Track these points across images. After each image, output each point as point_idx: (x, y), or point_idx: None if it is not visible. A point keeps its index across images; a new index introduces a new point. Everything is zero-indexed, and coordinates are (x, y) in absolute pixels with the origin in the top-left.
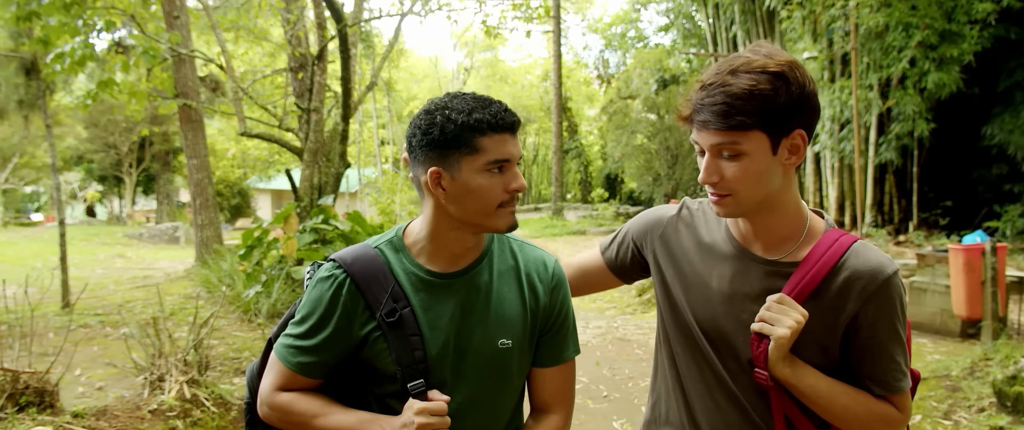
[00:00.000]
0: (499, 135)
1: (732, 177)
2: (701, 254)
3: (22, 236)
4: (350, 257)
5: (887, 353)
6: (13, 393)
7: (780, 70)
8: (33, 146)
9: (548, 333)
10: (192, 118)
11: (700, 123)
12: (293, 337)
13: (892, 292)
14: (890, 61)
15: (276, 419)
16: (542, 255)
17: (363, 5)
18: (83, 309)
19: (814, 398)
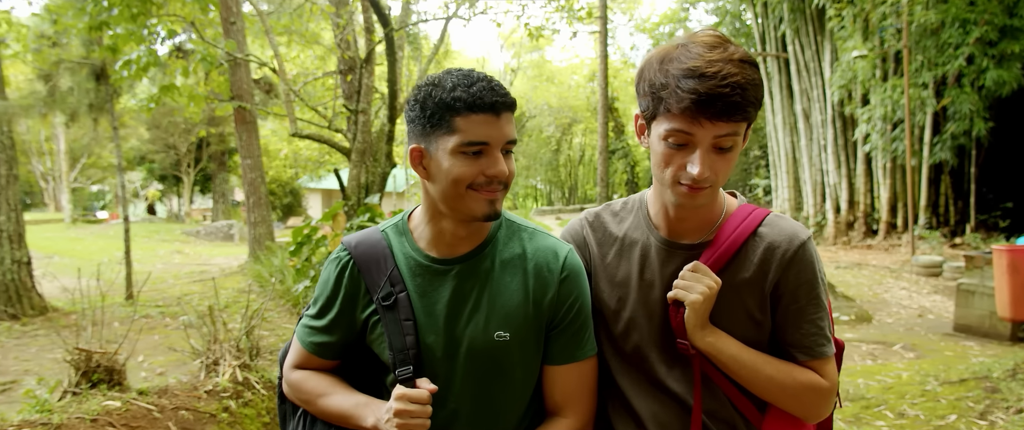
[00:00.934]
0: (478, 115)
1: (721, 169)
2: (623, 254)
3: (89, 232)
4: (355, 240)
5: (808, 317)
6: (87, 371)
7: (754, 60)
8: (99, 147)
9: (557, 328)
10: (246, 120)
11: (710, 114)
12: (308, 317)
13: (809, 256)
14: (946, 58)
15: (291, 395)
16: (554, 244)
17: (410, 9)
18: (144, 301)
19: (737, 369)
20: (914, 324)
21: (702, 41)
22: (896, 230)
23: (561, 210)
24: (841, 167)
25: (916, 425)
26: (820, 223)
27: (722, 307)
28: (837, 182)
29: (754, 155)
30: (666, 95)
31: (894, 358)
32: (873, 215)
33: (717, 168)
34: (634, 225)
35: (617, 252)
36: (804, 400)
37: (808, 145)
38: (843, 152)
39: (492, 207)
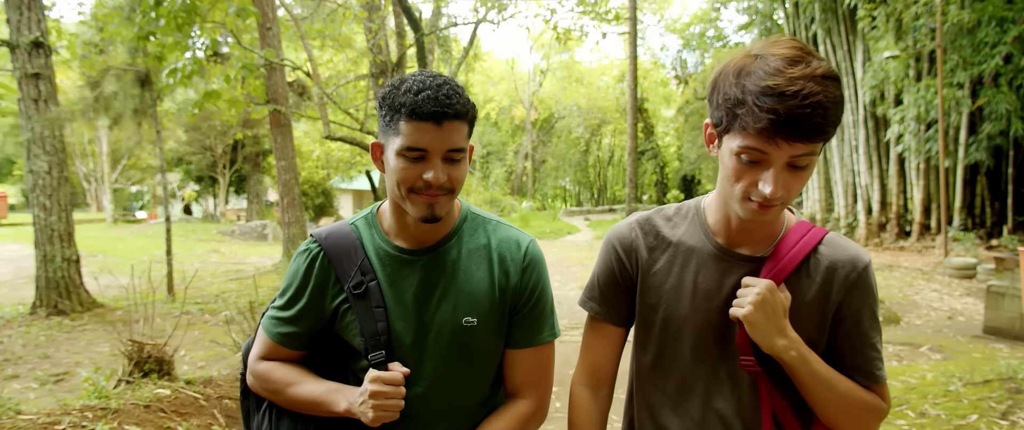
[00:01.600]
0: (418, 123)
1: (795, 188)
2: (676, 261)
3: (129, 232)
4: (325, 232)
5: (870, 342)
6: (139, 361)
7: (836, 74)
8: (140, 149)
9: (519, 313)
10: (281, 122)
11: (789, 135)
12: (275, 309)
13: (871, 279)
14: (982, 58)
15: (258, 387)
16: (517, 235)
17: (441, 12)
18: (184, 298)
19: (813, 383)
20: (943, 326)
21: (782, 54)
22: (930, 232)
23: (590, 211)
24: (873, 168)
25: (937, 424)
26: (851, 224)
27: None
28: (868, 183)
29: None
30: (743, 112)
31: (920, 359)
32: (906, 216)
33: (790, 186)
34: (689, 232)
35: (669, 258)
36: (864, 422)
37: (839, 146)
38: (875, 153)
39: (430, 211)
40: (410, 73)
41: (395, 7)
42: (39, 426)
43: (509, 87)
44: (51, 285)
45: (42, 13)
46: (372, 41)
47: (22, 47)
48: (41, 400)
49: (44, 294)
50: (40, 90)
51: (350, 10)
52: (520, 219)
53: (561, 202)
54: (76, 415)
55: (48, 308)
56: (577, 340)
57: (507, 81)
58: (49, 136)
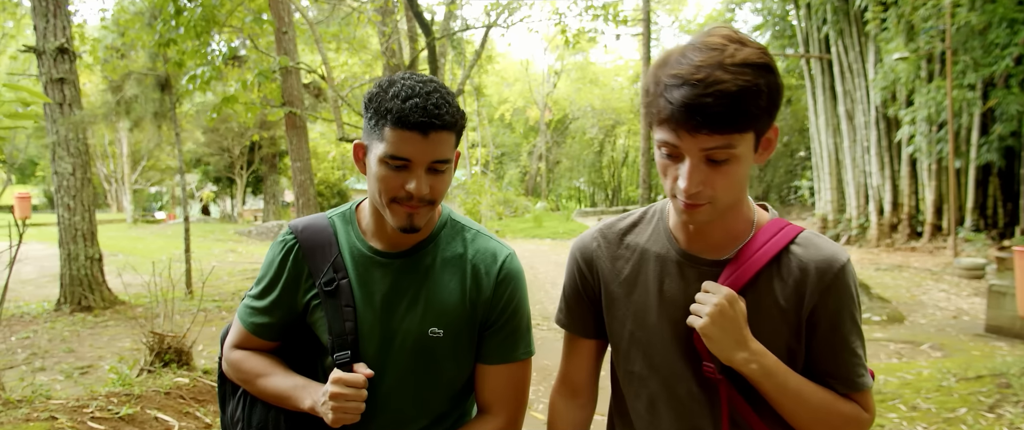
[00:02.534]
0: (403, 132)
1: (719, 184)
2: (641, 268)
3: (149, 232)
4: (302, 224)
5: (849, 347)
6: (159, 352)
7: (764, 61)
8: (159, 150)
9: (491, 328)
10: (297, 124)
11: (691, 126)
12: (250, 297)
13: (849, 280)
14: (992, 59)
15: (231, 374)
16: (495, 247)
17: (454, 14)
18: (202, 295)
19: (779, 396)
20: (947, 325)
21: (705, 43)
22: (941, 233)
23: (604, 211)
24: (884, 169)
25: (927, 417)
26: (863, 225)
27: (759, 331)
28: (880, 184)
29: (800, 157)
30: (650, 103)
31: (920, 357)
32: (918, 217)
33: (713, 183)
34: (653, 237)
35: (634, 266)
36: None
37: (851, 147)
38: (887, 154)
39: (409, 221)
40: (400, 75)
41: (407, 12)
42: (69, 409)
43: (523, 88)
44: (75, 282)
45: (67, 20)
46: (385, 45)
47: (48, 53)
48: (67, 390)
49: (68, 291)
50: (65, 94)
51: (364, 14)
52: (534, 219)
53: (575, 203)
54: (102, 400)
55: (72, 305)
56: None
57: (521, 82)
58: (73, 139)
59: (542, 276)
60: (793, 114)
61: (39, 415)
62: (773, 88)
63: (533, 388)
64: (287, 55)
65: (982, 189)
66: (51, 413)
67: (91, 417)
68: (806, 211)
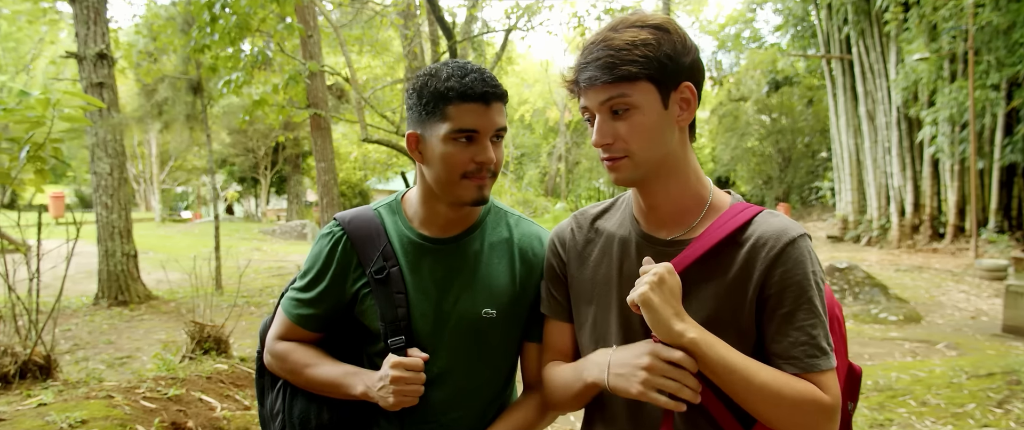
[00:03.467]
0: (468, 104)
1: (626, 134)
2: (605, 251)
3: (176, 231)
4: (350, 216)
5: (797, 325)
6: (200, 340)
7: (659, 23)
8: (186, 151)
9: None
10: (321, 125)
11: (585, 82)
12: (296, 290)
13: (799, 255)
14: (1016, 59)
15: (276, 366)
16: (538, 230)
17: (475, 16)
18: (231, 292)
19: (725, 374)
20: (965, 325)
21: (614, 22)
22: (964, 234)
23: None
24: (906, 169)
25: (936, 412)
26: (884, 226)
27: (702, 313)
28: (902, 185)
29: (821, 157)
30: (570, 74)
31: (935, 356)
32: (940, 218)
33: (620, 133)
34: (619, 221)
35: (601, 248)
36: (803, 414)
37: (872, 147)
38: (908, 154)
39: (480, 193)
40: (442, 62)
41: (429, 16)
42: (123, 389)
43: (543, 89)
44: (112, 278)
45: (106, 27)
46: (408, 48)
47: (89, 58)
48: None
49: (106, 286)
50: (103, 98)
51: (387, 17)
52: (553, 220)
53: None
54: (151, 383)
55: (109, 299)
56: None
57: (541, 83)
58: (111, 140)
59: None
60: (814, 115)
61: (97, 394)
62: (669, 44)
63: None
64: (313, 58)
65: (1006, 190)
66: (108, 393)
67: (143, 397)
68: (827, 212)
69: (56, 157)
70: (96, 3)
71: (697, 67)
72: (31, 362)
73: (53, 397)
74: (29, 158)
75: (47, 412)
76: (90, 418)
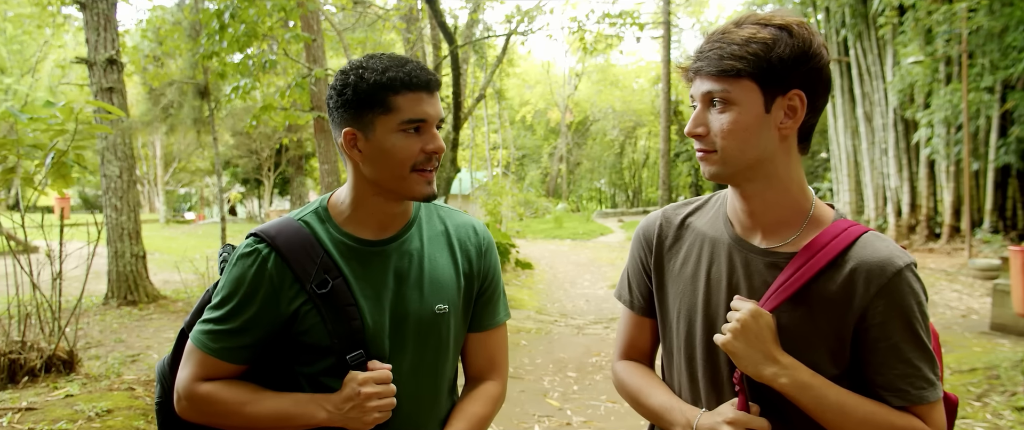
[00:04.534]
0: (414, 93)
1: (718, 129)
2: (696, 250)
3: (180, 232)
4: (273, 230)
5: (902, 356)
6: None
7: (785, 24)
8: (189, 153)
9: (483, 296)
10: (325, 128)
11: (694, 70)
12: (212, 322)
13: (904, 287)
14: (1009, 62)
15: (197, 412)
16: (470, 220)
17: (477, 19)
18: None
19: (820, 411)
20: (954, 323)
21: (742, 16)
22: (960, 234)
23: (624, 212)
24: (903, 170)
25: None
26: (881, 226)
27: (795, 331)
28: (898, 185)
29: (821, 158)
30: (686, 62)
31: None
32: (936, 219)
33: (713, 127)
34: (712, 221)
35: (689, 246)
36: None
37: (870, 148)
38: (905, 156)
39: (430, 187)
40: (363, 57)
41: (431, 20)
42: (143, 382)
43: (545, 90)
44: (122, 278)
45: (116, 33)
46: (410, 52)
47: (99, 64)
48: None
49: (115, 287)
50: (113, 102)
51: (389, 21)
52: (554, 220)
53: (596, 204)
54: None
55: (119, 299)
56: (598, 333)
57: (543, 84)
58: (120, 144)
59: (561, 276)
60: None
61: (119, 387)
62: (785, 47)
63: (548, 378)
64: (316, 62)
65: (1001, 191)
66: (129, 385)
67: None
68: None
69: (78, 163)
70: (106, 9)
71: (816, 76)
72: (55, 357)
73: (78, 389)
74: (53, 164)
75: (74, 402)
76: (114, 408)
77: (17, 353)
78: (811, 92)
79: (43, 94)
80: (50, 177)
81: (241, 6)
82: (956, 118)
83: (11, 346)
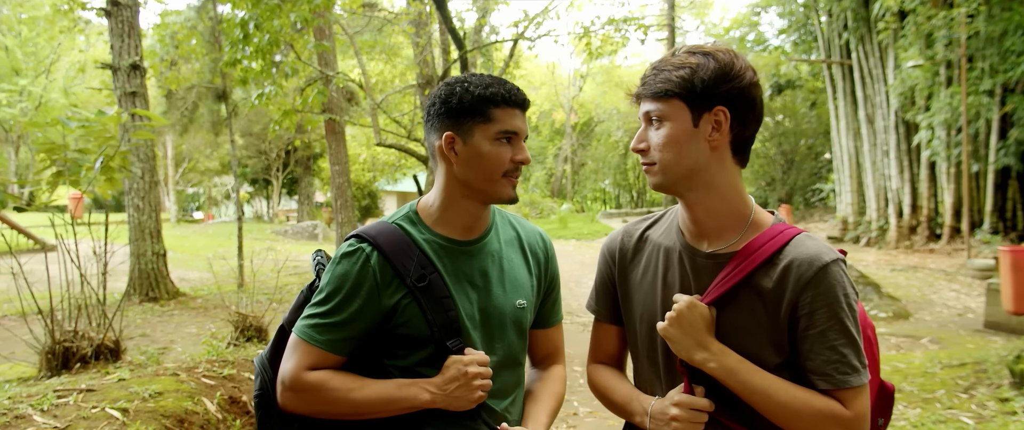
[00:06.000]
0: (511, 109)
1: (656, 143)
2: (653, 260)
3: (191, 231)
4: (374, 231)
5: (828, 343)
6: (243, 328)
7: (712, 51)
8: (198, 153)
9: (549, 296)
10: (335, 130)
11: (637, 95)
12: (319, 316)
13: (831, 279)
14: (1008, 66)
15: (304, 401)
16: (537, 228)
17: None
18: (252, 289)
19: (747, 393)
20: (950, 322)
21: (678, 47)
22: (960, 235)
23: (628, 213)
24: (904, 172)
25: (908, 397)
26: (882, 227)
27: (739, 326)
28: (900, 187)
29: (824, 159)
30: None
31: (918, 350)
32: (936, 220)
33: (651, 142)
34: (666, 232)
35: (647, 257)
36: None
37: (871, 150)
38: (906, 157)
39: (515, 191)
40: (469, 74)
41: (440, 25)
42: (185, 368)
43: (550, 92)
44: (143, 276)
45: (139, 39)
46: (420, 56)
47: (123, 69)
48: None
49: (136, 283)
50: (136, 106)
51: (399, 25)
52: (559, 221)
53: (601, 204)
54: (205, 364)
55: (140, 295)
56: None
57: (548, 86)
58: (142, 146)
59: (566, 275)
60: (817, 117)
61: (164, 372)
62: (708, 71)
63: None
64: (327, 65)
65: (1001, 192)
66: (173, 371)
67: (202, 375)
68: (829, 213)
69: (124, 165)
70: (130, 17)
71: (739, 95)
72: (103, 346)
73: (128, 374)
74: (102, 168)
75: (128, 385)
76: (164, 390)
77: (70, 342)
78: (735, 108)
79: (57, 95)
80: (99, 179)
81: (264, 17)
82: (956, 121)
83: (65, 335)
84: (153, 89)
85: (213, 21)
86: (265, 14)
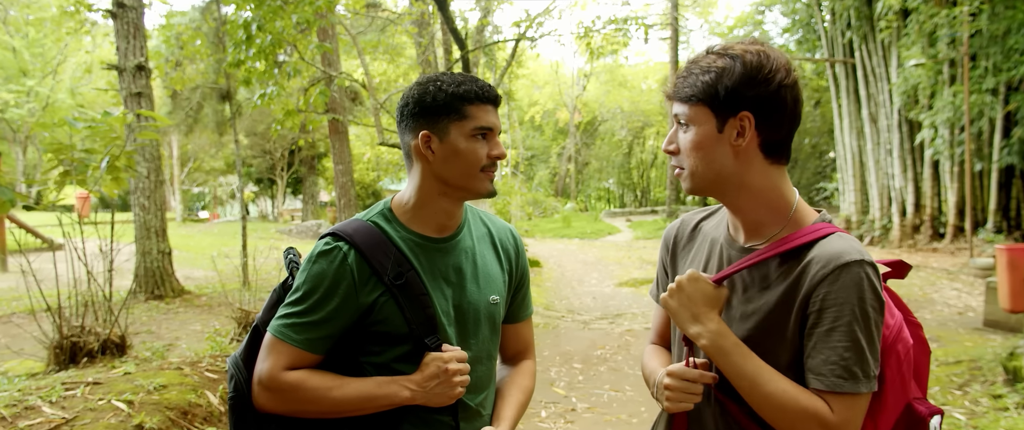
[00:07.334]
0: (484, 105)
1: (683, 148)
2: (702, 250)
3: (196, 230)
4: (350, 229)
5: (830, 343)
6: (245, 324)
7: (740, 53)
8: (204, 153)
9: (519, 292)
10: (339, 130)
11: (669, 96)
12: (295, 315)
13: (847, 280)
14: (1012, 64)
15: (283, 401)
16: (506, 224)
17: (487, 22)
18: (256, 287)
19: (734, 378)
20: (950, 320)
21: (710, 46)
22: (963, 234)
23: (632, 212)
24: (907, 171)
25: None
26: (886, 226)
27: (753, 317)
28: (903, 186)
29: (828, 158)
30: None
31: None
32: (940, 219)
33: (681, 143)
34: (717, 225)
35: (697, 247)
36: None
37: (874, 149)
38: (909, 156)
39: (492, 186)
40: (439, 72)
41: (442, 26)
42: (188, 363)
43: (553, 91)
44: (149, 274)
45: (144, 40)
46: (422, 56)
47: (128, 70)
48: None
49: (142, 281)
50: (141, 106)
51: (402, 25)
52: (562, 220)
53: (605, 203)
54: (209, 359)
55: (146, 293)
56: (603, 329)
57: (551, 85)
58: (148, 145)
59: (569, 274)
60: (821, 116)
61: (168, 366)
62: (735, 75)
63: (555, 369)
64: (330, 65)
65: (1005, 191)
66: (177, 366)
67: (205, 370)
68: (833, 212)
69: (130, 165)
70: (135, 18)
71: (766, 99)
72: (109, 341)
73: (134, 368)
74: (108, 166)
75: (133, 378)
76: (168, 384)
77: (77, 337)
78: (761, 112)
79: (64, 96)
80: (105, 179)
81: (267, 18)
82: (959, 119)
83: (72, 330)
84: (158, 89)
85: (217, 22)
86: (268, 15)
